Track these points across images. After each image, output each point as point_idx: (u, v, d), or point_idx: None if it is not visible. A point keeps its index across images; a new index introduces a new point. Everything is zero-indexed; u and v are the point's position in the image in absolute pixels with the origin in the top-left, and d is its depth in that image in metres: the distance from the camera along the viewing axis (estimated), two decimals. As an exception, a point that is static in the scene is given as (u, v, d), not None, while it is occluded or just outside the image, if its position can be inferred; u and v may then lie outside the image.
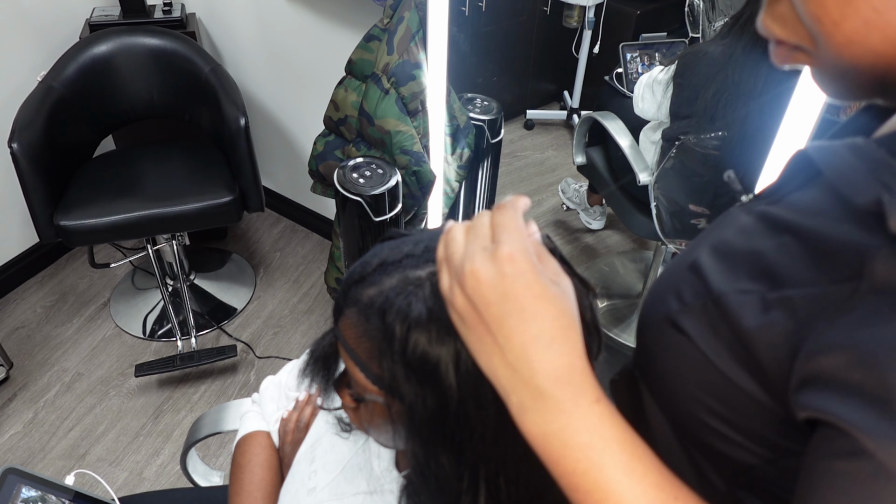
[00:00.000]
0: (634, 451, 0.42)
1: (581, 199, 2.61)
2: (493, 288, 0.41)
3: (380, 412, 0.56)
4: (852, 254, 0.36)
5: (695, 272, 0.47)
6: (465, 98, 1.85)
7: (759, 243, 0.44)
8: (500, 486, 0.51)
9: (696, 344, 0.44)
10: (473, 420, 0.48)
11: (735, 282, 0.43)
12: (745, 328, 0.41)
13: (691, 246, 0.53)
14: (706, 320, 0.44)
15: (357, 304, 0.53)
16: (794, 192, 0.46)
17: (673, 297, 0.48)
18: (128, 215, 1.74)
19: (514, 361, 0.42)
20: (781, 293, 0.39)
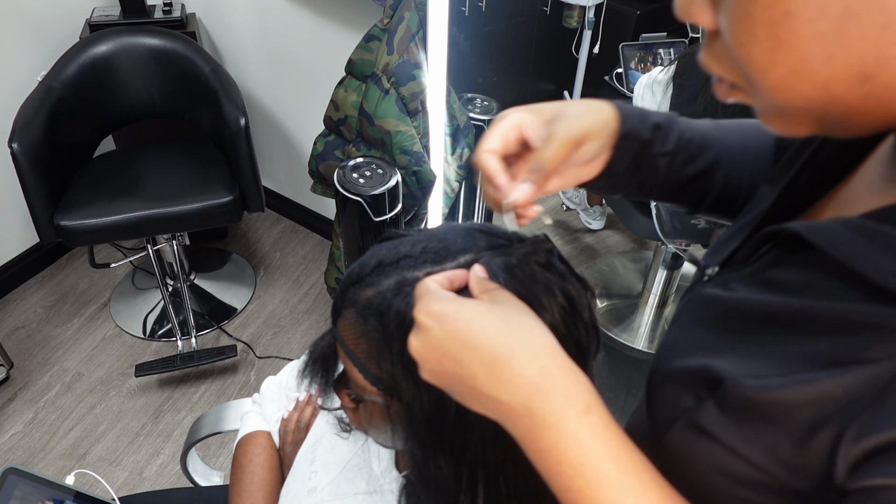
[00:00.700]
0: (631, 468, 0.41)
1: (581, 199, 2.61)
2: (433, 348, 0.44)
3: (379, 413, 0.56)
4: (883, 334, 0.34)
5: (698, 364, 0.44)
6: (465, 98, 1.85)
7: (756, 326, 0.42)
8: (499, 487, 0.51)
9: (724, 442, 0.42)
10: (471, 421, 0.48)
11: (746, 367, 0.41)
12: (769, 415, 0.39)
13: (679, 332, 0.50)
14: (726, 413, 0.41)
15: (355, 305, 0.53)
16: (771, 269, 0.44)
17: (687, 395, 0.44)
18: (128, 215, 1.74)
19: (491, 390, 0.42)
20: (804, 376, 0.37)
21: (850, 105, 0.34)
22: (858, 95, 0.34)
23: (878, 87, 0.33)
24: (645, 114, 0.60)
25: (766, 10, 0.33)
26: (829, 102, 0.35)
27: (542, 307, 0.49)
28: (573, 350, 0.52)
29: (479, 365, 0.42)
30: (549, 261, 0.52)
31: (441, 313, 0.44)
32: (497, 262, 0.50)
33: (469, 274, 0.49)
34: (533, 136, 0.55)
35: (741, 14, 0.34)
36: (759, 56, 0.35)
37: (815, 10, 0.31)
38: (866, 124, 0.36)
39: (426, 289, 0.46)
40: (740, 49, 0.35)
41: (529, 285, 0.49)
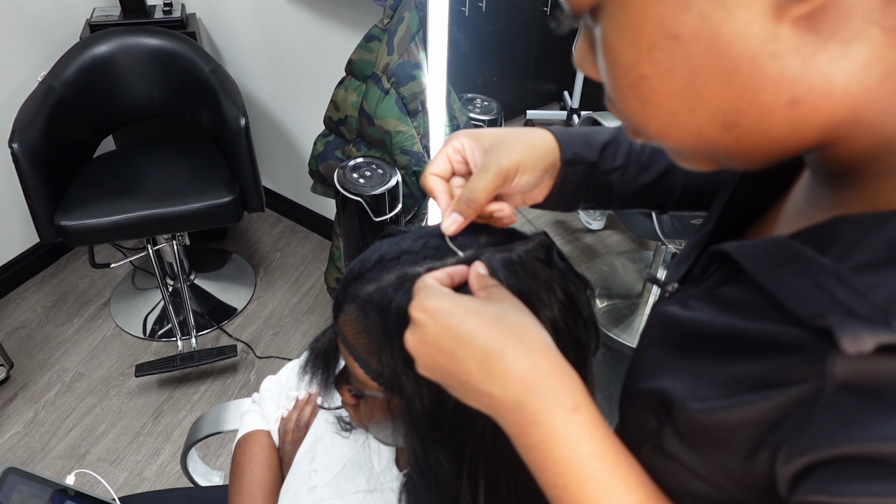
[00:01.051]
0: (617, 468, 0.41)
1: (581, 199, 2.60)
2: (428, 343, 0.45)
3: (379, 408, 0.56)
4: (808, 356, 0.34)
5: (656, 387, 0.44)
6: (465, 98, 1.85)
7: (705, 347, 0.42)
8: (500, 482, 0.51)
9: (685, 464, 0.42)
10: (471, 416, 0.48)
11: (692, 389, 0.41)
12: (715, 437, 0.39)
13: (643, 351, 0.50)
14: (681, 436, 0.42)
15: (356, 301, 0.53)
16: (722, 286, 0.44)
17: (651, 417, 0.45)
18: (128, 215, 1.74)
19: (483, 385, 0.43)
20: (740, 399, 0.37)
21: (727, 147, 0.36)
22: (730, 140, 0.36)
23: (744, 133, 0.35)
24: (590, 136, 0.62)
25: (625, 74, 0.36)
26: (709, 146, 0.37)
27: (542, 303, 0.49)
28: (572, 347, 0.52)
29: (472, 361, 0.43)
30: (549, 257, 0.53)
31: (436, 309, 0.44)
32: (497, 259, 0.50)
33: (469, 270, 0.49)
34: (472, 163, 0.57)
35: (609, 77, 0.37)
36: (634, 112, 0.37)
37: (664, 72, 0.34)
38: (753, 161, 0.38)
39: (423, 285, 0.47)
40: (619, 104, 0.38)
41: (529, 281, 0.50)
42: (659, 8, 0.32)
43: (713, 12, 0.31)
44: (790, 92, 0.32)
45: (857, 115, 0.33)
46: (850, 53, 0.31)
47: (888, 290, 0.31)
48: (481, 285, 0.48)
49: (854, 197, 0.37)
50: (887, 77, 0.32)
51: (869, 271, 0.32)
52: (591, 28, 0.38)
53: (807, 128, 0.34)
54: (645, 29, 0.33)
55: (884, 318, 0.30)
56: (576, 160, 0.60)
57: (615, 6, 0.35)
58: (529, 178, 0.57)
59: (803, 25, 0.31)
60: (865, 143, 0.35)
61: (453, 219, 0.53)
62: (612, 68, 0.36)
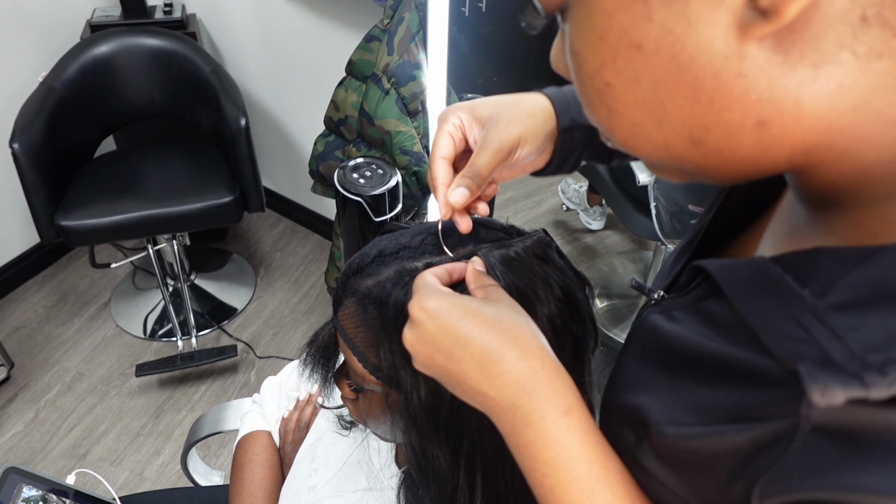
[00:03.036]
0: (603, 474, 0.41)
1: (581, 199, 2.61)
2: (426, 342, 0.45)
3: (378, 403, 0.56)
4: (786, 393, 0.33)
5: (634, 403, 0.44)
6: (465, 98, 1.85)
7: (685, 366, 0.41)
8: (497, 478, 0.52)
9: (662, 482, 0.42)
10: (469, 411, 0.48)
11: (670, 412, 0.40)
12: (692, 462, 0.39)
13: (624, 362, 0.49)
14: (657, 456, 0.41)
15: (355, 295, 0.54)
16: (706, 300, 0.43)
17: (628, 432, 0.44)
18: (128, 215, 1.74)
19: (478, 385, 0.43)
20: (716, 428, 0.36)
21: (695, 162, 0.35)
22: (698, 155, 0.34)
23: (712, 150, 0.34)
24: None
25: (590, 80, 0.35)
26: (677, 160, 0.35)
27: (539, 300, 0.50)
28: (569, 344, 0.52)
29: (469, 361, 0.43)
30: (546, 254, 0.53)
31: (435, 309, 0.45)
32: (495, 255, 0.50)
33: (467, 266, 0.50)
34: (471, 140, 0.56)
35: (575, 81, 0.36)
36: (601, 119, 0.36)
37: (628, 82, 0.33)
38: (724, 178, 0.37)
39: (423, 283, 0.47)
40: (588, 111, 0.37)
41: (527, 278, 0.50)
42: (621, 16, 0.31)
43: (675, 25, 0.30)
44: (757, 113, 0.31)
45: (832, 140, 0.32)
46: (820, 77, 0.30)
47: (866, 334, 0.30)
48: (479, 284, 0.48)
49: (838, 224, 0.35)
50: (863, 104, 0.30)
51: (848, 311, 0.31)
52: (563, 29, 0.37)
53: (777, 149, 0.33)
54: (608, 36, 0.32)
55: (857, 370, 0.29)
56: (573, 126, 0.58)
57: (580, 9, 0.33)
58: (531, 149, 0.56)
59: (770, 46, 0.29)
60: (843, 170, 0.33)
61: (461, 192, 0.52)
62: (577, 73, 0.36)
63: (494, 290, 0.47)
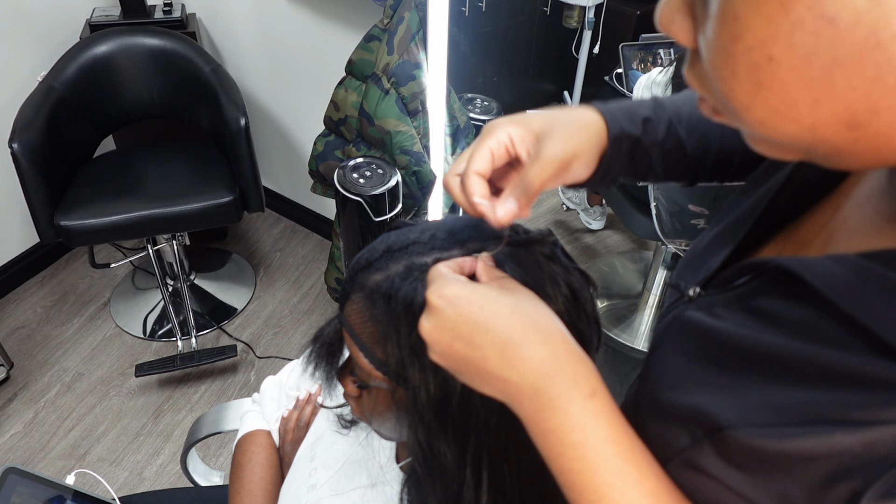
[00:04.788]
0: (630, 455, 0.42)
1: (581, 199, 2.61)
2: (445, 330, 0.44)
3: (383, 399, 0.56)
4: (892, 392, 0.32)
5: (691, 404, 0.43)
6: (465, 98, 1.85)
7: (750, 364, 0.40)
8: (503, 474, 0.51)
9: (728, 485, 0.41)
10: (477, 406, 0.48)
11: (743, 412, 0.39)
12: (777, 464, 0.37)
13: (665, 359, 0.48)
14: (727, 459, 0.40)
15: (363, 290, 0.54)
16: (759, 297, 0.42)
17: (681, 433, 0.43)
18: (128, 215, 1.74)
19: (500, 371, 0.43)
20: (815, 429, 0.35)
21: (838, 146, 0.33)
22: (847, 140, 0.32)
23: (868, 134, 0.31)
24: (632, 110, 0.58)
25: (748, 52, 0.31)
26: (816, 142, 0.33)
27: (548, 297, 0.50)
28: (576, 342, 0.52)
29: (490, 347, 0.43)
30: (553, 253, 0.53)
31: (454, 296, 0.44)
32: (504, 251, 0.50)
33: (477, 262, 0.50)
34: (523, 154, 0.53)
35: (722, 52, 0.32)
36: (740, 94, 0.33)
37: (799, 58, 0.30)
38: (857, 164, 0.35)
39: (439, 273, 0.47)
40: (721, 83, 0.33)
41: (535, 274, 0.50)
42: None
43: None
44: None
45: None
46: None
47: None
48: (491, 276, 0.48)
49: None
50: None
51: None
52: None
53: None
54: (794, 5, 0.28)
55: None
56: (622, 137, 0.56)
57: None
58: (583, 164, 0.54)
59: None
60: None
61: (508, 208, 0.49)
62: (731, 43, 0.31)
63: (508, 280, 0.48)
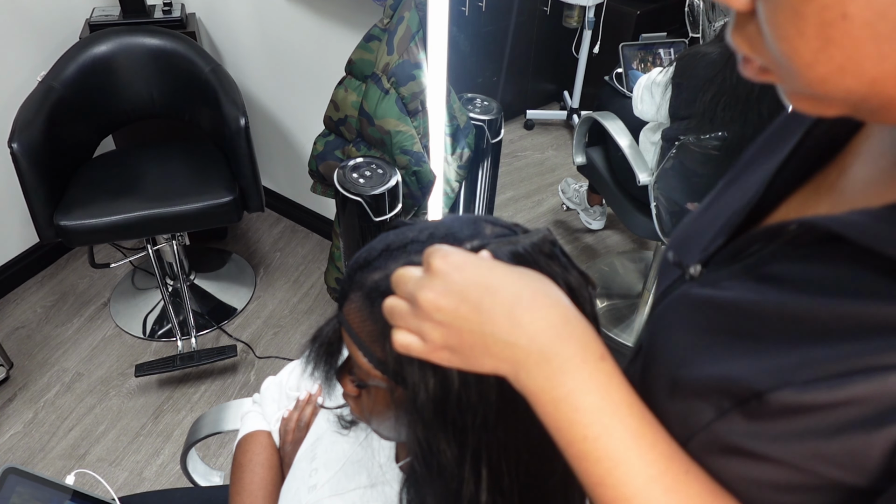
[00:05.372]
0: (643, 417, 0.41)
1: (581, 199, 2.61)
2: (452, 293, 0.43)
3: (382, 399, 0.56)
4: None
5: (717, 374, 0.42)
6: (465, 98, 1.85)
7: (774, 328, 0.40)
8: (503, 472, 0.51)
9: (757, 452, 0.41)
10: (475, 404, 0.48)
11: (781, 374, 0.39)
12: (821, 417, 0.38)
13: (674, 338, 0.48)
14: (762, 423, 0.40)
15: (362, 289, 0.54)
16: (770, 264, 0.43)
17: (705, 408, 0.43)
18: (128, 215, 1.74)
19: (508, 336, 0.42)
20: (863, 376, 0.36)
21: (894, 98, 0.34)
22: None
23: None
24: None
25: (821, 11, 0.31)
26: (872, 96, 0.34)
27: None
28: None
29: (498, 309, 0.42)
30: (553, 251, 0.53)
31: (461, 261, 0.44)
32: (504, 250, 0.50)
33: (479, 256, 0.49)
34: None
35: (790, 12, 0.33)
36: (804, 53, 0.33)
37: (874, 14, 0.30)
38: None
39: (439, 246, 0.46)
40: (783, 43, 0.34)
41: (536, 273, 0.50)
42: None
43: None
44: None
45: None
46: None
47: None
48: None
49: None
50: None
51: None
52: None
53: None
54: None
55: None
56: None
57: None
58: None
59: None
60: None
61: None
62: (801, 4, 0.32)
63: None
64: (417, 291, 0.44)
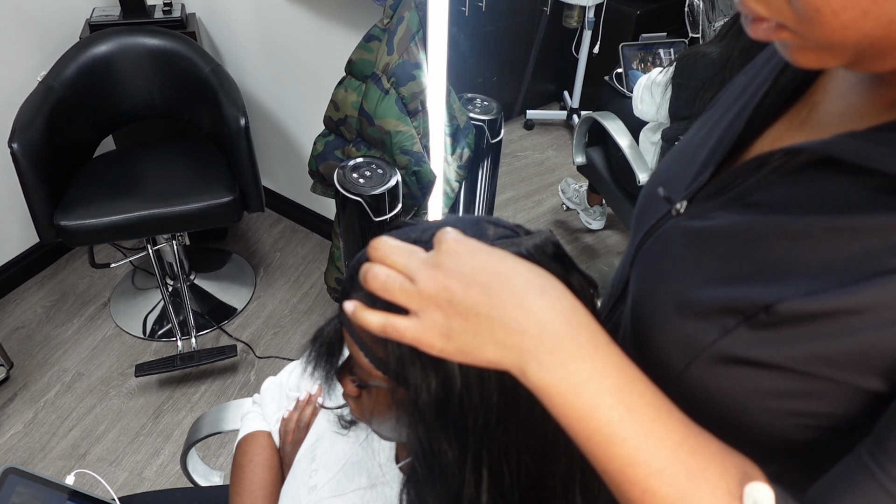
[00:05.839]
0: (654, 388, 0.42)
1: (581, 199, 2.61)
2: (462, 274, 0.42)
3: (383, 399, 0.56)
4: None
5: (719, 295, 0.44)
6: (465, 98, 1.85)
7: (777, 243, 0.43)
8: (503, 473, 0.51)
9: (764, 362, 0.42)
10: (477, 405, 0.48)
11: (783, 288, 0.41)
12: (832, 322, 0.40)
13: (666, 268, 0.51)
14: (770, 334, 0.42)
15: (363, 289, 0.53)
16: (755, 193, 0.46)
17: (708, 328, 0.45)
18: (128, 215, 1.74)
19: (518, 322, 0.41)
20: (873, 281, 0.38)
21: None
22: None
23: None
24: None
25: None
26: (883, 38, 0.37)
27: None
28: None
29: (509, 296, 0.41)
30: (555, 253, 0.53)
31: (474, 246, 0.43)
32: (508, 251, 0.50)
33: None
34: None
35: None
36: (833, 0, 0.36)
37: None
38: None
39: (451, 228, 0.45)
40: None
41: None
42: None
43: None
44: None
45: None
46: None
47: None
48: None
49: None
50: None
51: None
52: None
53: None
54: None
55: None
56: None
57: None
58: None
59: None
60: None
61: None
62: None
63: None
64: (423, 268, 0.42)
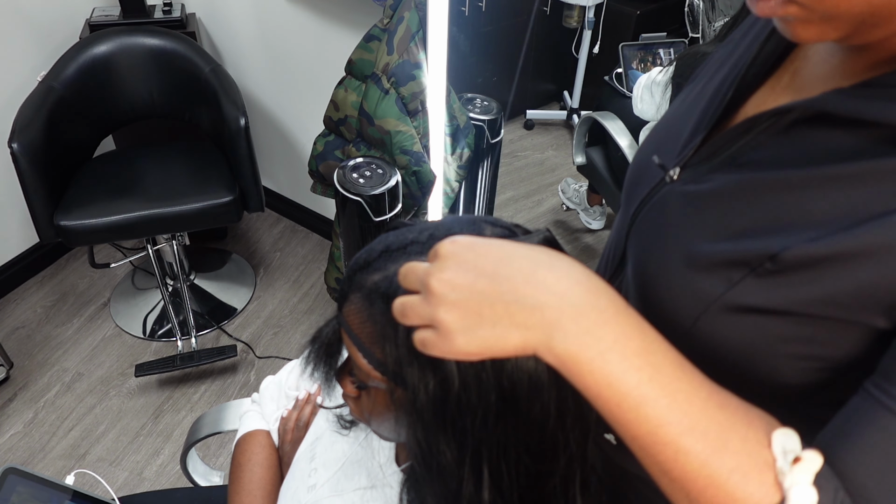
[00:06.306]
0: (672, 347, 0.42)
1: (581, 199, 2.61)
2: (466, 270, 0.41)
3: (382, 400, 0.56)
4: None
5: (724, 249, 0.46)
6: (465, 98, 1.85)
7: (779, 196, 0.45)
8: (502, 473, 0.51)
9: (772, 308, 0.44)
10: (475, 405, 0.48)
11: (786, 238, 0.43)
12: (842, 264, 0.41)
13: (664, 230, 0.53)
14: (777, 281, 0.44)
15: (361, 290, 0.54)
16: (747, 154, 0.48)
17: (713, 282, 0.46)
18: (128, 215, 1.74)
19: (535, 299, 0.40)
20: (877, 221, 0.40)
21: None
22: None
23: None
24: None
25: None
26: (884, 7, 0.38)
27: None
28: None
29: (518, 275, 0.40)
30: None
31: (471, 241, 0.43)
32: None
33: None
34: None
35: None
36: None
37: None
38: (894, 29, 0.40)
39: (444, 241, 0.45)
40: None
41: None
42: None
43: None
44: None
45: None
46: None
47: None
48: None
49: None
50: None
51: None
52: None
53: None
54: None
55: None
56: None
57: None
58: None
59: None
60: None
61: None
62: None
63: None
64: (429, 277, 0.42)
